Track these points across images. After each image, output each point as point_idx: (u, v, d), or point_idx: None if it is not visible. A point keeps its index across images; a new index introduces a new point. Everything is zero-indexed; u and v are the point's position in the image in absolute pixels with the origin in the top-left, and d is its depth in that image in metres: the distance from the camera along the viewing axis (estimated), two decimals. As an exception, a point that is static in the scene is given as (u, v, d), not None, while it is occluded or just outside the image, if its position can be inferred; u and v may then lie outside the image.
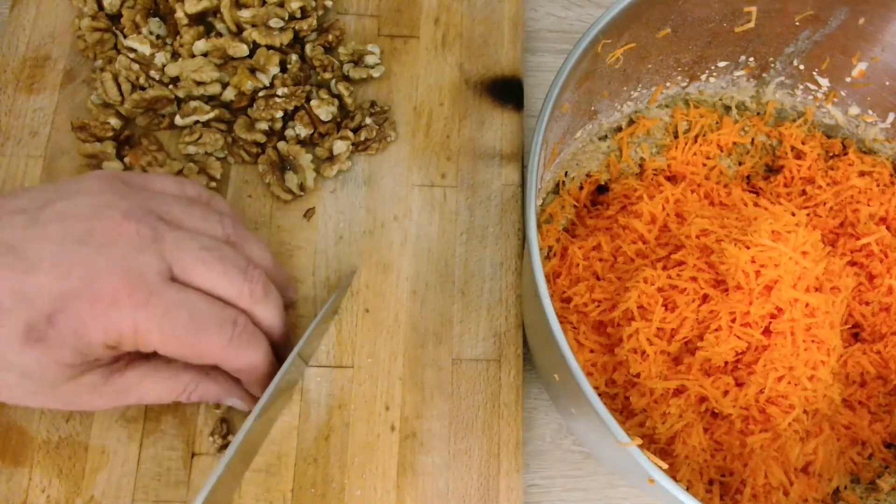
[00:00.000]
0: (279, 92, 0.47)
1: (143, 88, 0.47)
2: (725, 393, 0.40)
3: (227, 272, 0.36)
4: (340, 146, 0.47)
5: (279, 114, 0.47)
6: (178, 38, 0.48)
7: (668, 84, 0.49)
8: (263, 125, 0.47)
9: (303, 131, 0.47)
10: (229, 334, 0.35)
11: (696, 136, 0.50)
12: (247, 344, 0.36)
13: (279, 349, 0.40)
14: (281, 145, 0.47)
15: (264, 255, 0.39)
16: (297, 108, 0.48)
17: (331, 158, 0.47)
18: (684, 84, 0.50)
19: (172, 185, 0.39)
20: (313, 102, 0.47)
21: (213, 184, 0.46)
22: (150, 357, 0.37)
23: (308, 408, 0.43)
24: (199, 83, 0.47)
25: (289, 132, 0.48)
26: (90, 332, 0.32)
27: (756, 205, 0.45)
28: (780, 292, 0.39)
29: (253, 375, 0.38)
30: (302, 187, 0.46)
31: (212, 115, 0.47)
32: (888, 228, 0.47)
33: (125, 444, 0.41)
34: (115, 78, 0.46)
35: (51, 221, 0.33)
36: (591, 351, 0.43)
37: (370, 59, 0.50)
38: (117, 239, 0.33)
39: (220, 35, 0.48)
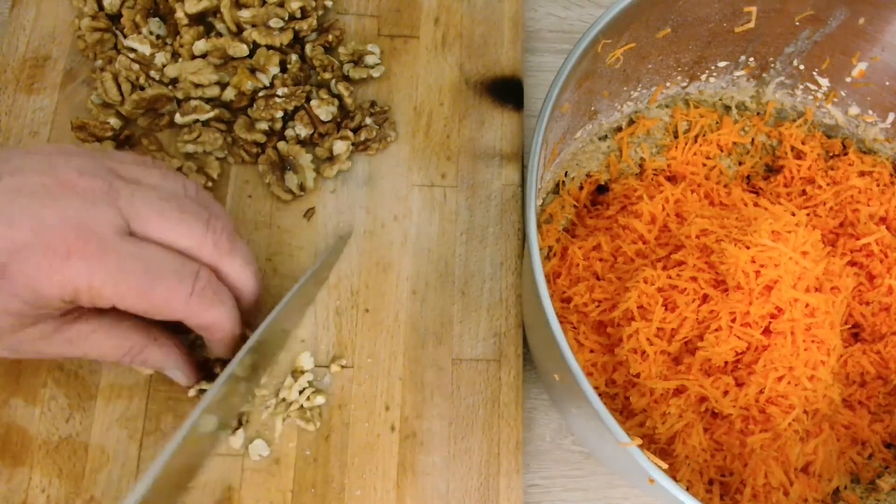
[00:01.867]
0: (279, 92, 0.47)
1: (142, 88, 0.47)
2: (725, 393, 0.40)
3: (187, 222, 0.35)
4: (340, 146, 0.47)
5: (279, 114, 0.47)
6: (178, 38, 0.48)
7: (668, 84, 0.49)
8: (263, 125, 0.47)
9: (303, 131, 0.47)
10: (190, 287, 0.34)
11: (696, 136, 0.50)
12: (210, 300, 0.35)
13: (251, 313, 0.39)
14: (281, 145, 0.47)
15: (226, 219, 0.38)
16: (296, 109, 0.48)
17: (331, 158, 0.47)
18: (684, 84, 0.50)
19: (132, 156, 0.38)
20: (313, 102, 0.47)
21: (211, 184, 0.46)
22: (105, 313, 0.36)
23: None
24: (197, 85, 0.47)
25: (289, 132, 0.48)
26: (43, 285, 0.32)
27: (756, 205, 0.45)
28: (780, 292, 0.39)
29: (217, 334, 0.37)
30: (302, 187, 0.46)
31: (212, 114, 0.47)
32: (888, 228, 0.47)
33: (125, 444, 0.41)
34: (115, 78, 0.46)
35: (4, 176, 0.33)
36: (591, 351, 0.43)
37: (370, 59, 0.50)
38: (71, 193, 0.33)
39: (219, 35, 0.48)
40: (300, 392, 0.42)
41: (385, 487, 0.42)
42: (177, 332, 0.39)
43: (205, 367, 0.41)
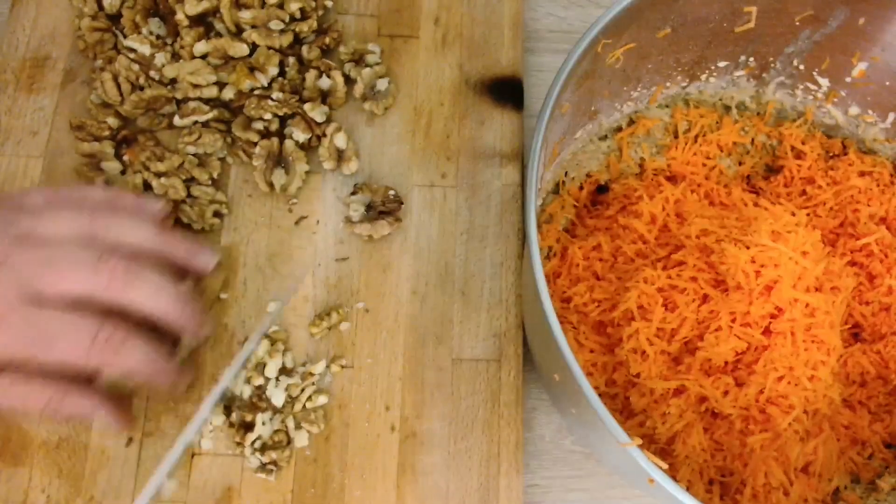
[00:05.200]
0: (273, 96, 0.47)
1: (142, 89, 0.47)
2: (725, 393, 0.40)
3: (76, 267, 0.35)
4: (341, 139, 0.47)
5: (268, 115, 0.47)
6: (178, 39, 0.48)
7: (668, 84, 0.49)
8: (259, 125, 0.47)
9: (301, 136, 0.47)
10: (88, 341, 0.34)
11: (696, 136, 0.50)
12: (114, 348, 0.35)
13: (185, 328, 0.38)
14: (288, 143, 0.47)
15: (142, 231, 0.37)
16: (293, 114, 0.48)
17: (340, 157, 0.47)
18: (684, 84, 0.50)
19: (43, 196, 0.38)
20: (307, 106, 0.47)
21: (212, 182, 0.46)
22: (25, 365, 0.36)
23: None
24: (195, 86, 0.47)
25: (288, 141, 0.47)
26: None
27: (756, 205, 0.45)
28: (780, 292, 0.39)
29: (141, 377, 0.37)
30: (284, 188, 0.46)
31: (210, 115, 0.47)
32: (888, 228, 0.47)
33: (125, 444, 0.41)
34: (115, 78, 0.46)
35: None
36: (591, 351, 0.43)
37: (370, 59, 0.50)
38: None
39: (219, 35, 0.48)
40: (302, 391, 0.42)
41: (385, 487, 0.42)
42: None
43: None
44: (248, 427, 0.41)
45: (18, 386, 0.36)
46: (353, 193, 0.47)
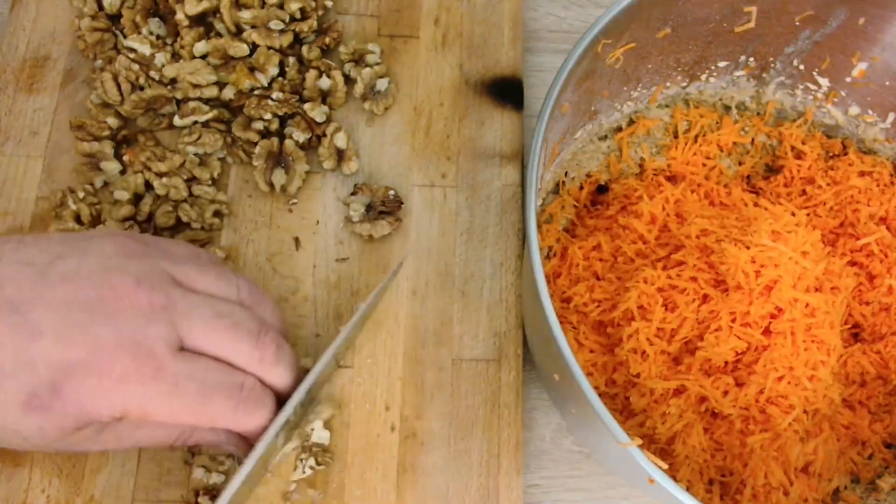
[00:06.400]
0: (273, 96, 0.47)
1: (142, 88, 0.47)
2: (725, 393, 0.40)
3: (239, 339, 0.35)
4: (341, 139, 0.47)
5: (268, 115, 0.47)
6: (178, 39, 0.48)
7: (668, 84, 0.49)
8: (259, 125, 0.47)
9: (301, 136, 0.47)
10: (236, 400, 0.34)
11: (696, 136, 0.50)
12: (253, 408, 0.35)
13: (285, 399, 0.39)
14: (288, 143, 0.47)
15: (276, 315, 0.39)
16: (293, 114, 0.48)
17: (340, 156, 0.47)
18: (684, 84, 0.50)
19: (185, 249, 0.38)
20: (307, 106, 0.47)
21: (212, 182, 0.46)
22: None
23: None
24: (195, 85, 0.47)
25: (288, 141, 0.47)
26: (95, 406, 0.32)
27: (756, 205, 0.45)
28: (780, 292, 0.39)
29: (256, 434, 0.37)
30: (284, 188, 0.46)
31: (210, 115, 0.47)
32: (888, 228, 0.47)
33: (125, 444, 0.41)
34: (115, 78, 0.46)
35: (59, 282, 0.32)
36: (591, 351, 0.43)
37: (370, 59, 0.50)
38: (127, 307, 0.32)
39: (219, 35, 0.48)
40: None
41: (385, 487, 0.42)
42: None
43: None
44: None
45: (146, 428, 0.36)
46: (353, 194, 0.47)
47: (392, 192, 0.46)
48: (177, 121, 0.47)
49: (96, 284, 0.32)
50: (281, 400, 0.38)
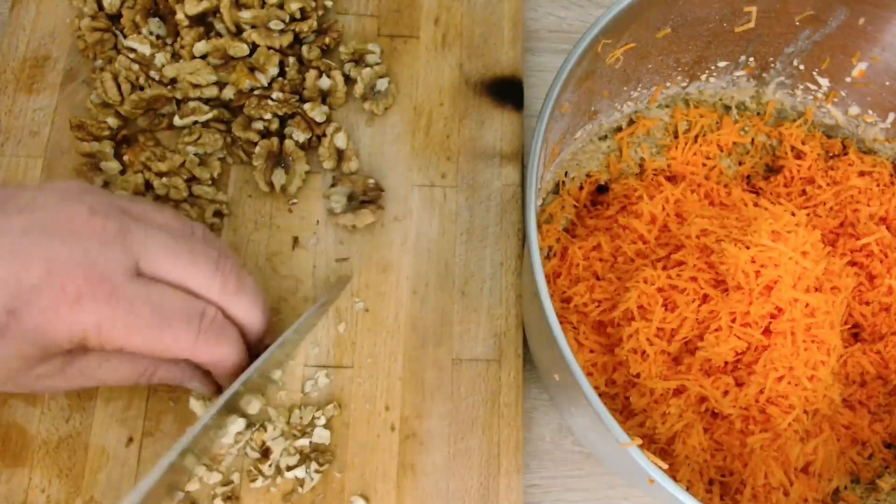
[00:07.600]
0: (273, 96, 0.47)
1: (142, 88, 0.47)
2: (725, 393, 0.40)
3: (198, 263, 0.35)
4: (341, 139, 0.47)
5: (268, 115, 0.47)
6: (178, 39, 0.48)
7: (668, 84, 0.49)
8: (259, 125, 0.47)
9: (301, 136, 0.47)
10: (196, 328, 0.34)
11: (696, 136, 0.50)
12: (216, 338, 0.35)
13: (257, 346, 0.39)
14: (287, 143, 0.47)
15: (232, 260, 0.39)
16: (292, 114, 0.48)
17: (340, 156, 0.47)
18: (684, 84, 0.50)
19: (145, 200, 0.38)
20: (307, 106, 0.47)
21: (212, 182, 0.46)
22: None
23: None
24: (195, 85, 0.47)
25: (288, 141, 0.47)
26: (53, 329, 0.32)
27: (756, 205, 0.45)
28: (780, 292, 0.39)
29: (222, 370, 0.37)
30: (284, 188, 0.46)
31: (210, 115, 0.47)
32: (888, 228, 0.47)
33: (125, 444, 0.41)
34: (115, 78, 0.46)
35: (15, 213, 0.32)
36: (591, 351, 0.43)
37: (370, 59, 0.50)
38: (81, 231, 0.33)
39: (219, 35, 0.48)
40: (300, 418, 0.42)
41: (385, 487, 0.42)
42: None
43: None
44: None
45: (111, 362, 0.36)
46: (333, 185, 0.47)
47: (371, 181, 0.46)
48: (177, 121, 0.47)
49: (52, 212, 0.33)
50: (250, 347, 0.38)
